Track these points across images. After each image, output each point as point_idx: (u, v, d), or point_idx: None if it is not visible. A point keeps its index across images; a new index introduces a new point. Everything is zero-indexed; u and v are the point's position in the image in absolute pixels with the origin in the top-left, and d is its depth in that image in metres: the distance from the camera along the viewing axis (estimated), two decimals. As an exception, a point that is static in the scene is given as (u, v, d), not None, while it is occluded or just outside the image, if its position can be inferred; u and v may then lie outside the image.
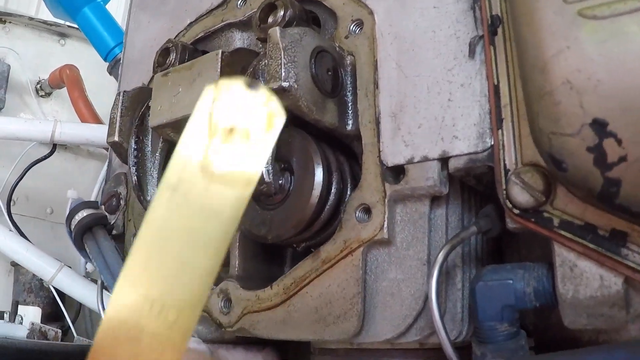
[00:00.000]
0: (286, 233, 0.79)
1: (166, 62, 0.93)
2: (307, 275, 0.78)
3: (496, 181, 0.65)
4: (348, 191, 0.80)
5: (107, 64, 1.88)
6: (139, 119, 0.94)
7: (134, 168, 0.92)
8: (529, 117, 0.60)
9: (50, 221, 2.33)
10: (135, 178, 0.92)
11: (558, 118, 0.54)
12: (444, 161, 0.70)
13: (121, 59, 1.20)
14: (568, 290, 0.61)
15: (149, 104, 0.90)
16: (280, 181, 0.79)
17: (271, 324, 0.80)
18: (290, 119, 0.67)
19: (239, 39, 0.95)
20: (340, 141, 0.82)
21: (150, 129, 0.92)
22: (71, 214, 0.97)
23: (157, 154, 0.94)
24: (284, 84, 0.72)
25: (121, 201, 1.01)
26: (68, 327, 1.96)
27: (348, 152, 0.83)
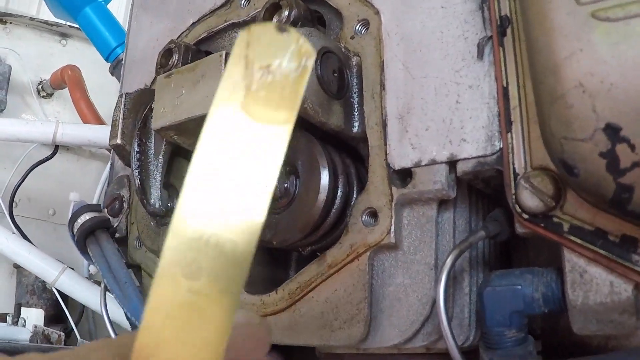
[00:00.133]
0: (292, 237, 0.78)
1: (169, 64, 0.92)
2: (312, 280, 0.77)
3: (505, 185, 0.64)
4: (354, 195, 0.78)
5: (109, 64, 1.87)
6: (141, 121, 0.93)
7: (137, 171, 0.91)
8: (540, 120, 0.59)
9: (52, 222, 2.32)
10: (138, 181, 0.91)
11: (570, 122, 0.53)
12: (451, 164, 0.69)
13: (123, 60, 1.19)
14: (578, 296, 0.60)
15: (152, 106, 0.89)
16: (286, 184, 0.78)
17: (276, 329, 0.79)
18: (296, 121, 0.66)
19: (242, 40, 0.94)
20: (346, 144, 0.81)
21: (153, 131, 0.91)
22: (74, 217, 0.97)
23: (160, 157, 0.93)
24: (288, 86, 0.71)
25: (124, 204, 1.00)
26: (71, 329, 1.96)
27: (354, 155, 0.82)
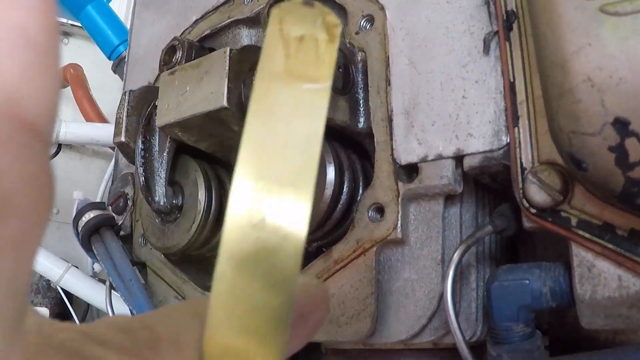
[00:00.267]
0: (298, 233, 0.77)
1: (172, 61, 0.91)
2: (319, 276, 0.77)
3: (512, 180, 0.64)
4: (360, 190, 0.78)
5: (112, 62, 1.87)
6: (145, 118, 0.93)
7: (142, 168, 0.91)
8: (548, 115, 0.58)
9: (56, 221, 2.32)
10: (142, 179, 0.91)
11: (578, 117, 0.53)
12: (458, 159, 0.68)
13: (126, 58, 1.19)
14: (586, 291, 0.60)
15: (156, 103, 0.89)
16: (291, 181, 0.77)
17: (283, 325, 0.79)
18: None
19: (246, 36, 0.94)
20: (351, 139, 0.81)
21: (157, 128, 0.91)
22: (78, 215, 0.96)
23: (165, 154, 0.93)
24: (293, 82, 0.70)
25: (128, 202, 1.00)
26: (75, 327, 1.96)
27: (360, 151, 0.82)
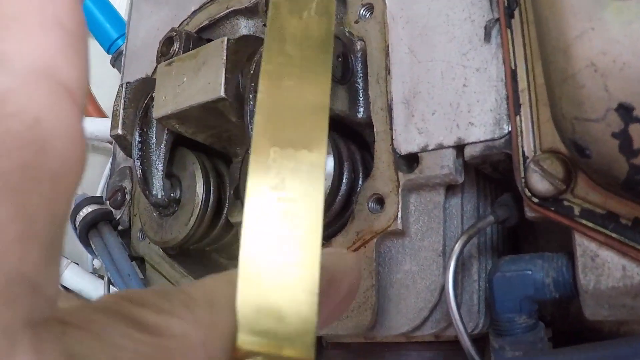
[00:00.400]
0: (297, 225, 0.77)
1: (170, 52, 0.90)
2: (318, 269, 0.76)
3: (514, 169, 0.63)
4: (360, 181, 0.77)
5: (110, 56, 1.85)
6: (142, 110, 0.92)
7: (139, 161, 0.90)
8: (551, 101, 0.57)
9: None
10: (140, 171, 0.90)
11: (582, 102, 0.52)
12: (459, 149, 0.67)
13: (124, 50, 1.17)
14: (589, 281, 0.59)
15: (153, 95, 0.88)
16: (290, 172, 0.77)
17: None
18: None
19: (244, 26, 0.93)
20: (351, 129, 0.80)
21: (154, 120, 0.90)
22: (75, 210, 0.96)
23: (162, 146, 0.92)
24: (292, 72, 0.69)
25: (126, 196, 0.99)
26: (75, 322, 1.95)
27: (359, 141, 0.81)
